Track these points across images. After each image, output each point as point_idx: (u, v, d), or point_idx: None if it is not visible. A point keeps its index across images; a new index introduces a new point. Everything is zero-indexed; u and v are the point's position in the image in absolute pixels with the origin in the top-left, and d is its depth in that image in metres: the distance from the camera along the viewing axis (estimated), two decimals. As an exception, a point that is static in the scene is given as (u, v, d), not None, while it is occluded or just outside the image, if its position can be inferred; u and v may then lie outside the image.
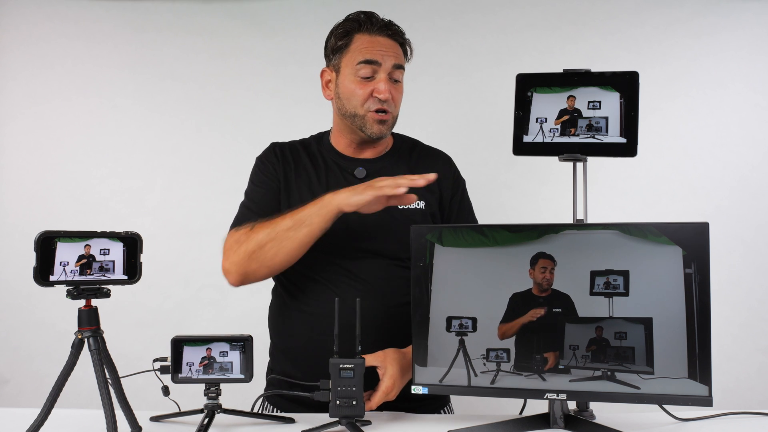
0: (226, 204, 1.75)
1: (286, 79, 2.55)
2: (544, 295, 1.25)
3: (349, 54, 1.54)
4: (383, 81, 1.51)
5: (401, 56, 1.57)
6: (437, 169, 1.56)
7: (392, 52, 1.54)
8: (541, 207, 2.39)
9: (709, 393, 1.19)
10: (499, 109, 1.97)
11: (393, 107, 1.54)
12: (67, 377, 1.17)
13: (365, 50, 1.52)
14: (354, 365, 1.27)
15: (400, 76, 1.56)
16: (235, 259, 1.45)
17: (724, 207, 2.45)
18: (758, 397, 2.38)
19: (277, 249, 1.41)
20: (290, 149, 1.63)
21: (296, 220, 1.40)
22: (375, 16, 1.56)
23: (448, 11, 2.54)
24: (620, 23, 2.51)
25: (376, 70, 1.52)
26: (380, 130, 1.54)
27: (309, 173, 1.58)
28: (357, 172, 1.57)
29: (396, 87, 1.55)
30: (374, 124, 1.53)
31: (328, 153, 1.62)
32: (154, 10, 2.57)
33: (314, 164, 1.60)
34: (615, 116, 1.43)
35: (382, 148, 1.63)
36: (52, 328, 2.41)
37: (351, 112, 1.54)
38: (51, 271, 1.13)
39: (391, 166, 1.60)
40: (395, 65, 1.53)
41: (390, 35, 1.55)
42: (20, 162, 2.56)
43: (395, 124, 1.59)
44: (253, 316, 1.81)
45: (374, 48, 1.52)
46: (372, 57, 1.51)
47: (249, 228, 1.46)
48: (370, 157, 1.61)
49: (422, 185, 1.35)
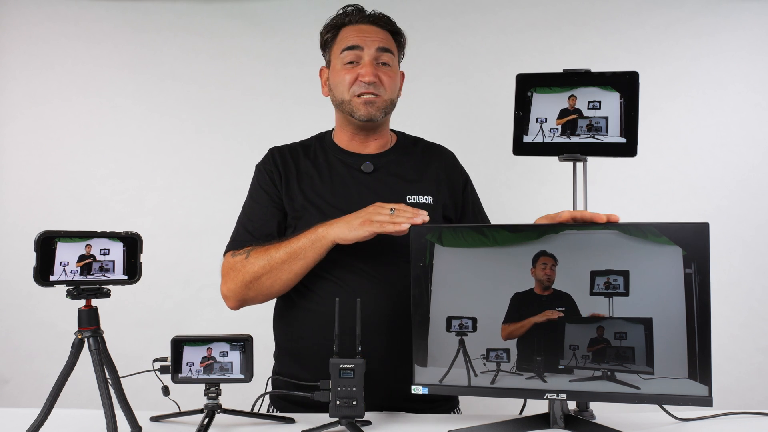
0: (226, 204, 1.75)
1: (286, 79, 2.55)
2: (546, 294, 1.25)
3: (336, 45, 1.58)
4: (367, 64, 1.52)
5: (388, 40, 1.57)
6: (444, 162, 1.57)
7: (376, 36, 1.55)
8: (541, 207, 2.37)
9: (709, 393, 1.19)
10: (499, 109, 1.98)
11: (383, 90, 1.54)
12: (67, 377, 1.17)
13: (348, 38, 1.55)
14: (354, 365, 1.27)
15: (389, 60, 1.56)
16: (232, 287, 1.49)
17: (724, 207, 2.45)
18: (758, 397, 2.38)
19: (272, 281, 1.45)
20: (290, 152, 1.63)
21: (291, 253, 1.42)
22: (360, 9, 1.58)
23: (448, 11, 2.54)
24: (620, 23, 2.51)
25: (360, 55, 1.53)
26: (368, 111, 1.53)
27: (311, 175, 1.58)
28: (364, 167, 1.57)
29: (384, 70, 1.54)
30: (361, 106, 1.53)
31: (332, 151, 1.62)
32: (154, 10, 2.57)
33: (316, 165, 1.60)
34: (615, 116, 1.44)
35: (385, 142, 1.63)
36: (52, 328, 2.41)
37: (339, 99, 1.56)
38: (51, 271, 1.13)
39: (396, 161, 1.60)
40: (380, 48, 1.54)
41: (374, 22, 1.57)
42: (20, 162, 2.56)
43: (391, 108, 1.59)
44: (253, 316, 1.81)
45: (357, 35, 1.55)
46: (353, 42, 1.54)
47: (244, 256, 1.48)
48: (374, 152, 1.61)
49: (419, 224, 1.32)
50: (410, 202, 1.53)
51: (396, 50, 1.60)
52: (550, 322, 1.25)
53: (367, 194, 1.53)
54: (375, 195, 1.52)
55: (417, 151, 1.65)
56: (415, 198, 1.55)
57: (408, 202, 1.53)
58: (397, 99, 1.62)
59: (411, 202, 1.53)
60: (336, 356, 1.28)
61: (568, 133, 1.45)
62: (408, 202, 1.53)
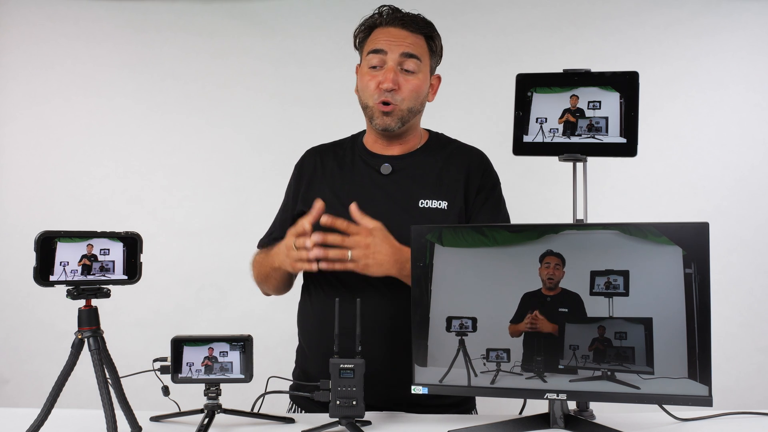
0: (226, 204, 1.75)
1: (286, 79, 2.56)
2: (552, 294, 1.25)
3: (366, 46, 1.55)
4: (389, 70, 1.49)
5: (416, 45, 1.51)
6: (467, 165, 1.56)
7: (402, 41, 1.50)
8: (541, 207, 2.39)
9: (709, 393, 1.19)
10: (499, 109, 1.97)
11: (400, 99, 1.50)
12: (67, 377, 1.17)
13: (376, 41, 1.52)
14: (354, 365, 1.27)
15: (413, 66, 1.50)
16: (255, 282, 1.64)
17: (724, 207, 2.45)
18: (758, 397, 2.38)
19: (267, 287, 1.61)
20: (320, 153, 1.64)
21: (264, 274, 1.56)
22: (393, 9, 1.54)
23: (448, 11, 2.54)
24: (620, 23, 2.51)
25: (384, 59, 1.50)
26: (384, 121, 1.51)
27: (334, 175, 1.58)
28: (383, 168, 1.55)
29: (407, 78, 1.50)
30: (379, 116, 1.51)
31: (359, 151, 1.61)
32: (154, 10, 2.57)
33: (341, 165, 1.59)
34: (615, 116, 1.43)
35: (413, 144, 1.60)
36: (52, 328, 2.41)
37: (364, 104, 1.55)
38: (51, 271, 1.13)
39: (419, 163, 1.57)
40: (404, 53, 1.49)
41: (402, 25, 1.51)
42: (20, 162, 2.56)
43: (411, 116, 1.53)
44: (253, 316, 1.82)
45: (383, 38, 1.51)
46: (378, 46, 1.50)
47: (253, 258, 1.62)
48: (397, 154, 1.58)
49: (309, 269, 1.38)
50: (423, 206, 1.50)
51: (427, 55, 1.54)
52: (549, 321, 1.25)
53: (380, 196, 1.52)
54: (387, 197, 1.52)
55: (444, 154, 1.60)
56: (429, 203, 1.51)
57: (420, 206, 1.50)
58: (421, 106, 1.56)
59: (423, 206, 1.51)
60: (336, 356, 1.28)
61: (568, 133, 1.45)
62: (420, 206, 1.50)
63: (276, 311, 1.96)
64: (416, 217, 1.48)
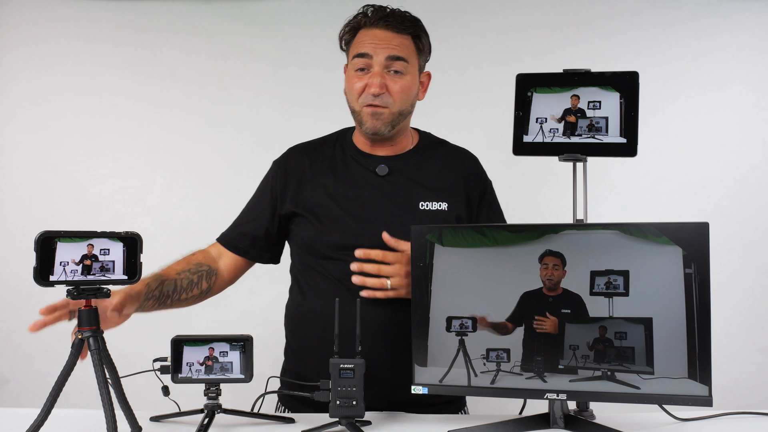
0: (226, 204, 1.75)
1: (286, 79, 2.55)
2: (553, 294, 1.25)
3: (351, 48, 1.53)
4: (375, 74, 1.46)
5: (402, 46, 1.49)
6: (464, 168, 1.55)
7: (388, 43, 1.47)
8: (541, 207, 2.39)
9: (709, 393, 1.19)
10: (499, 109, 1.97)
11: (391, 101, 1.47)
12: (67, 377, 1.17)
13: (360, 44, 1.50)
14: (354, 365, 1.27)
15: (401, 68, 1.48)
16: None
17: (724, 207, 2.45)
18: (758, 397, 2.38)
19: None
20: (307, 151, 1.61)
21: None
22: (376, 9, 1.51)
23: (448, 11, 2.54)
24: (620, 23, 2.51)
25: (370, 63, 1.47)
26: (374, 125, 1.48)
27: (326, 175, 1.55)
28: (379, 170, 1.54)
29: (395, 79, 1.48)
30: (368, 119, 1.48)
31: (350, 150, 1.59)
32: (154, 10, 2.57)
33: (332, 165, 1.57)
34: (615, 116, 1.43)
35: (405, 144, 1.59)
36: (52, 328, 2.40)
37: (351, 107, 1.53)
38: (51, 271, 1.13)
39: (414, 164, 1.56)
40: (390, 56, 1.47)
41: (387, 26, 1.48)
42: (20, 162, 2.56)
43: (401, 119, 1.52)
44: (253, 316, 1.82)
45: (368, 41, 1.48)
46: (363, 50, 1.48)
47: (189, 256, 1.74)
48: (390, 155, 1.57)
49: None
50: (423, 209, 1.50)
51: (414, 55, 1.52)
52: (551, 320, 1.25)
53: (380, 198, 1.51)
54: (388, 199, 1.51)
55: (438, 155, 1.60)
56: (430, 204, 1.51)
57: (421, 208, 1.50)
58: (412, 107, 1.55)
59: (424, 209, 1.50)
60: (336, 356, 1.28)
61: (569, 133, 1.45)
62: (421, 208, 1.50)
63: (276, 311, 1.95)
64: (418, 219, 1.47)
